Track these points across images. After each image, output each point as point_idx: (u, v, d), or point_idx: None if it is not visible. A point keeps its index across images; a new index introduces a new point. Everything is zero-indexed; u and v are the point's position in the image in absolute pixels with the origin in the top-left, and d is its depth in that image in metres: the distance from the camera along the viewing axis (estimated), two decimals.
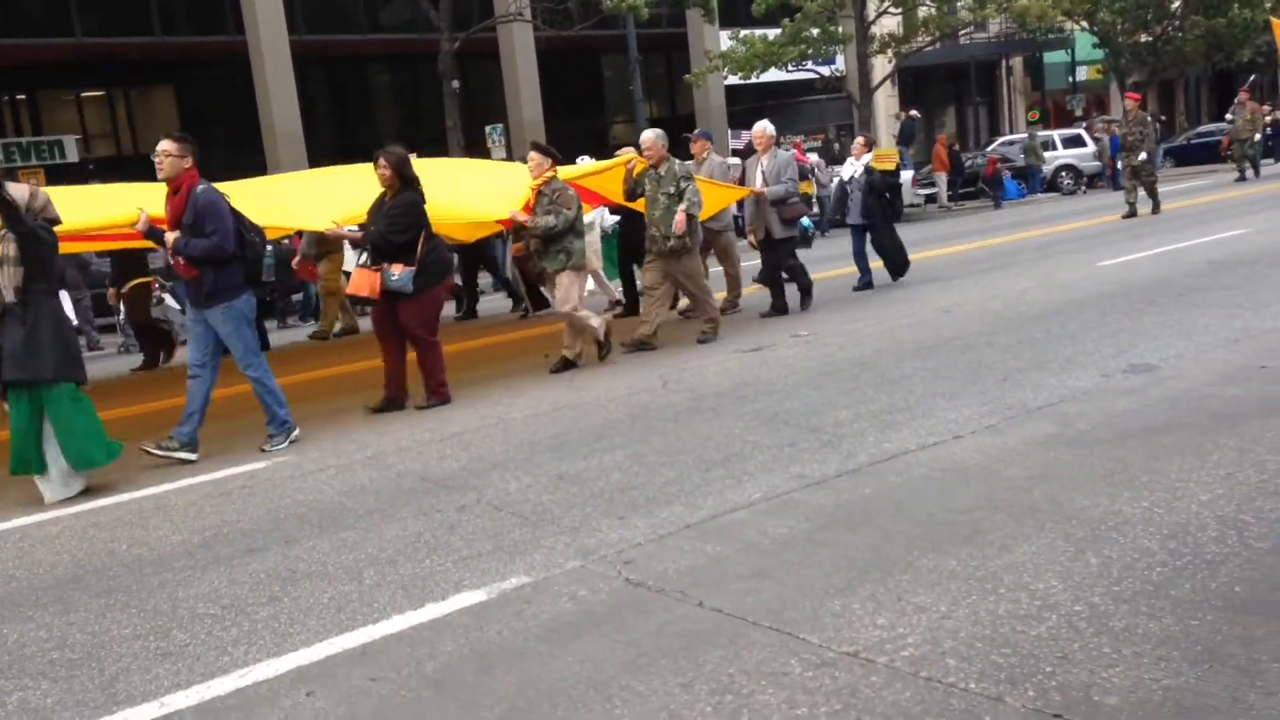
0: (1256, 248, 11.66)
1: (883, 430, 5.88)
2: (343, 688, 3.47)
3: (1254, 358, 6.61)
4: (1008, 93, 41.25)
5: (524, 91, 27.78)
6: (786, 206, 10.55)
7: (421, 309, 7.91)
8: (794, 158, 21.45)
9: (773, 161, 10.61)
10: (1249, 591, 3.48)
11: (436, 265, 8.02)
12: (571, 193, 8.94)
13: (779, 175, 10.48)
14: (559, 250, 8.85)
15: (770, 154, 10.69)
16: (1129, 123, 17.95)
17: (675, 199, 9.26)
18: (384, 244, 7.74)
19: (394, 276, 7.67)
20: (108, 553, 5.14)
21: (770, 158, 10.66)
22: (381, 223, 7.80)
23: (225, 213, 6.95)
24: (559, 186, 8.89)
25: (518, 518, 5.02)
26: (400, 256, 7.74)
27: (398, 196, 7.83)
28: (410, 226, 7.79)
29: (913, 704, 3.01)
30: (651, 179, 9.48)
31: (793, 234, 10.75)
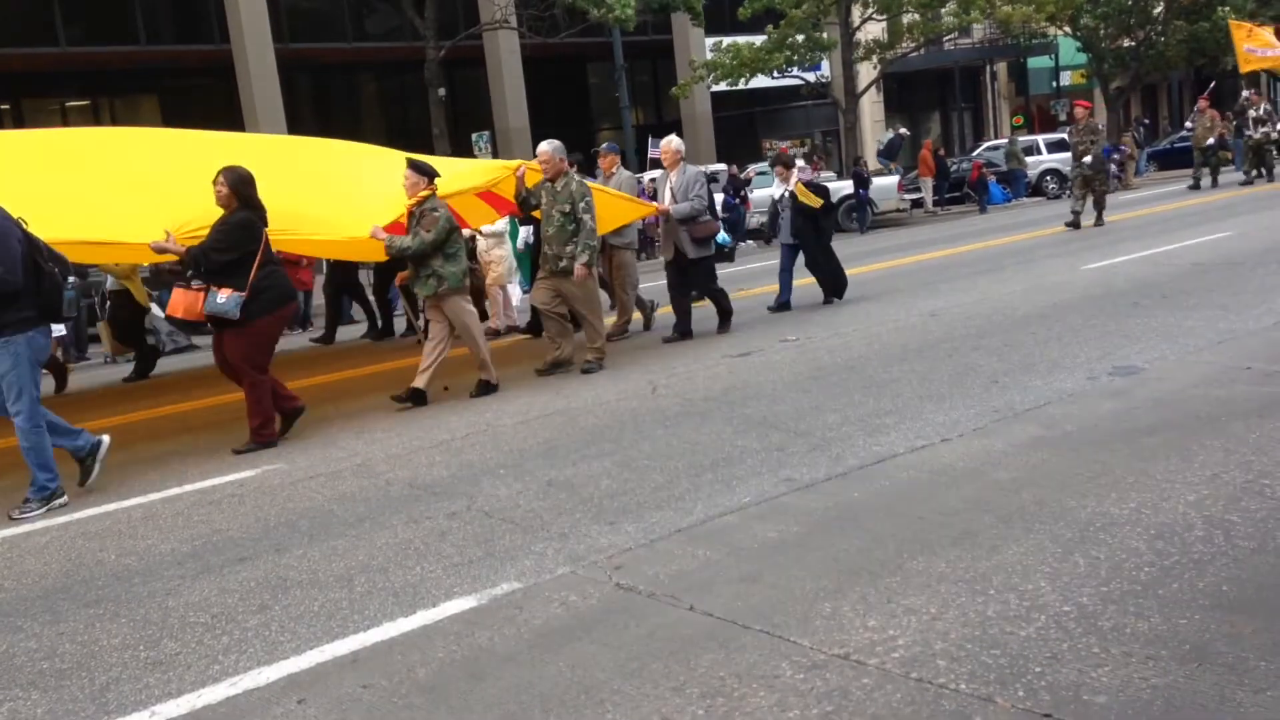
0: (1240, 250, 11.74)
1: (871, 434, 5.90)
2: (334, 695, 3.47)
3: (1238, 359, 6.66)
4: (992, 98, 41.43)
5: (510, 99, 27.81)
6: (697, 225, 10.00)
7: (247, 340, 7.28)
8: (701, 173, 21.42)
9: (681, 178, 10.08)
10: (1236, 590, 3.50)
11: (271, 293, 7.34)
12: (440, 214, 8.29)
13: (687, 192, 9.95)
14: (428, 275, 8.30)
15: (679, 170, 10.16)
16: (1079, 131, 17.56)
17: (570, 219, 8.85)
18: (203, 261, 7.13)
19: (218, 300, 7.10)
20: (96, 562, 5.12)
21: (679, 174, 10.13)
22: (206, 239, 7.25)
23: (11, 240, 6.05)
24: (430, 207, 8.29)
25: (508, 524, 5.02)
26: (231, 280, 7.15)
27: (230, 215, 7.24)
28: (233, 246, 7.16)
29: (904, 705, 3.02)
30: (548, 193, 9.03)
31: (706, 254, 10.15)
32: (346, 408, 8.62)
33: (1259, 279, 9.53)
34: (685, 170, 10.16)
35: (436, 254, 8.26)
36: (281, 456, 7.01)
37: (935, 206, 27.74)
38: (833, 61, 30.35)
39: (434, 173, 8.45)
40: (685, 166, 10.24)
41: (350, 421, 7.98)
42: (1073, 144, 17.96)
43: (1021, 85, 42.18)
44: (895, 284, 12.76)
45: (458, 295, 8.42)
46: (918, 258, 15.83)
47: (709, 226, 10.08)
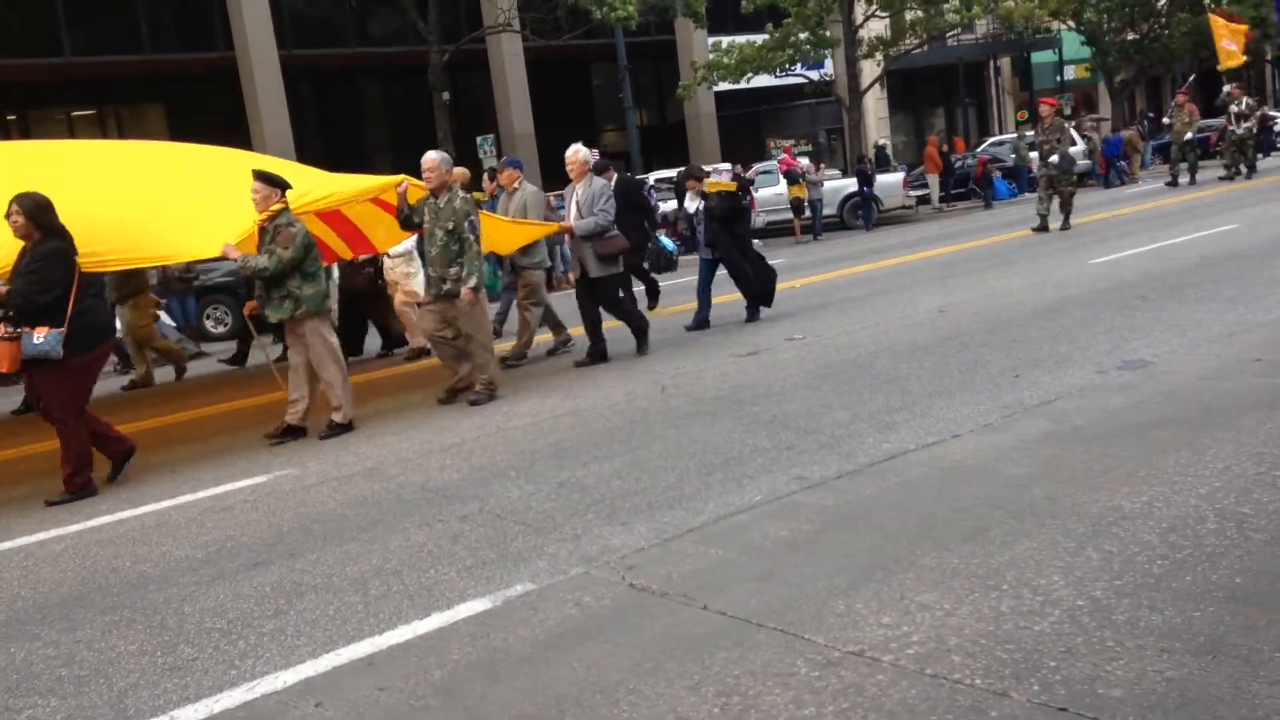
0: (1247, 243, 11.72)
1: (881, 431, 5.91)
2: (351, 698, 3.49)
3: (1248, 351, 6.65)
4: (996, 93, 41.35)
5: (514, 102, 27.85)
6: (604, 241, 9.34)
7: (64, 381, 6.63)
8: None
9: (587, 190, 9.40)
10: (1249, 583, 3.51)
11: (91, 329, 6.71)
12: (297, 229, 7.59)
13: (592, 206, 9.29)
14: (283, 296, 7.60)
15: (585, 182, 9.47)
16: (1045, 130, 17.11)
17: (454, 238, 8.12)
18: (28, 307, 6.48)
19: (36, 341, 6.44)
20: (111, 570, 5.14)
21: (585, 186, 9.44)
22: (19, 281, 6.55)
23: None
24: (285, 222, 7.58)
25: (521, 526, 5.03)
26: (45, 317, 6.49)
27: (37, 247, 6.53)
28: (56, 282, 6.52)
29: (919, 701, 3.03)
30: (431, 209, 8.26)
31: (613, 271, 9.46)
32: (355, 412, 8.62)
33: (1267, 271, 9.51)
34: (592, 182, 9.49)
35: (294, 273, 7.56)
36: (293, 461, 7.04)
37: (941, 203, 27.70)
38: (836, 59, 30.33)
39: (285, 184, 7.75)
40: (593, 178, 9.55)
41: (360, 425, 8.00)
42: (1038, 143, 17.57)
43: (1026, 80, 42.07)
44: (902, 281, 12.75)
45: (317, 319, 7.73)
46: (924, 254, 15.82)
47: (615, 242, 9.40)
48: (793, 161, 24.33)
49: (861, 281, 13.40)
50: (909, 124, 40.08)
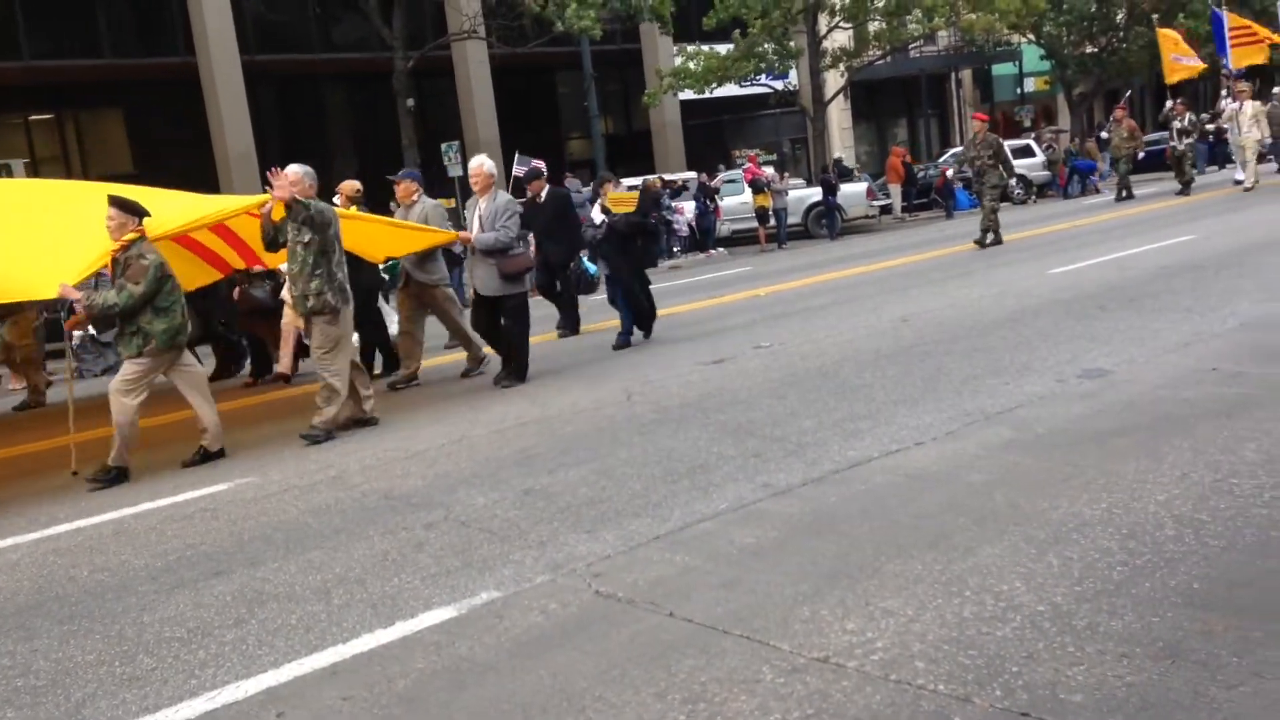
0: (1203, 252, 11.89)
1: (846, 438, 5.94)
2: (314, 708, 3.46)
3: (1205, 361, 6.75)
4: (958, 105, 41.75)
5: (479, 109, 27.79)
6: (507, 259, 8.89)
7: None
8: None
9: (491, 205, 8.97)
10: (1207, 588, 3.56)
11: None
12: (150, 260, 7.21)
13: (494, 221, 8.86)
14: (132, 332, 7.23)
15: (489, 196, 9.05)
16: (976, 145, 16.73)
17: (310, 251, 7.60)
18: None
19: None
20: (69, 579, 5.07)
21: (489, 200, 9.02)
22: None
23: None
24: (138, 253, 7.19)
25: (486, 533, 5.02)
26: None
27: None
28: None
29: (883, 707, 3.05)
30: (292, 225, 7.66)
31: (516, 290, 9.04)
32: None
33: (1223, 282, 9.66)
34: (496, 197, 9.07)
35: (145, 308, 7.19)
36: (254, 470, 6.97)
37: (903, 212, 27.93)
38: (800, 70, 30.53)
39: (143, 211, 7.33)
40: (497, 192, 9.13)
41: None
42: (969, 159, 17.15)
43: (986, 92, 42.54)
44: (866, 290, 12.84)
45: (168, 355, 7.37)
46: (887, 264, 15.94)
47: (519, 260, 9.01)
48: (758, 170, 24.46)
49: (826, 290, 13.48)
50: (872, 134, 40.40)
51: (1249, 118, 20.49)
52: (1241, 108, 20.73)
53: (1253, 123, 20.46)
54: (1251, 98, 21.32)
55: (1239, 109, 20.77)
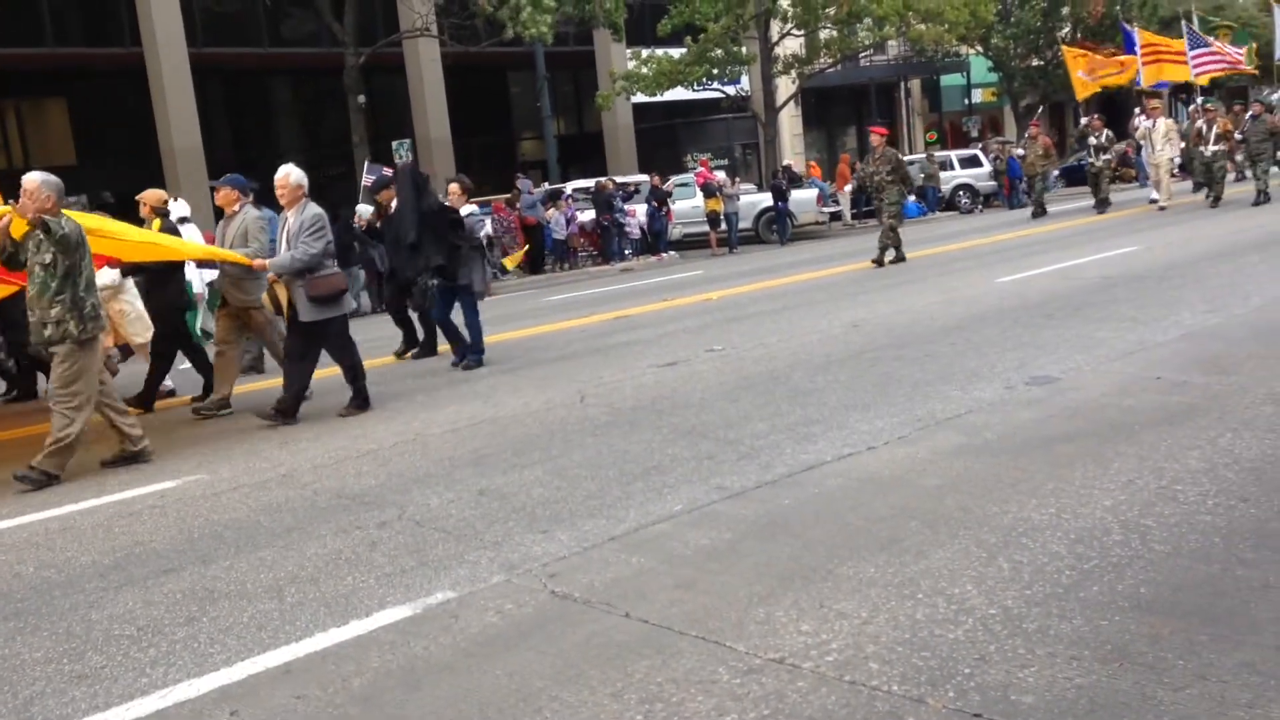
0: (1146, 264, 12.15)
1: (799, 442, 5.99)
2: (267, 706, 3.43)
3: (1149, 369, 6.90)
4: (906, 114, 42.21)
5: (431, 107, 27.65)
6: (315, 280, 7.99)
7: None
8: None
9: (297, 219, 8.07)
10: (1154, 593, 3.64)
11: None
12: None
13: (299, 237, 8.00)
14: None
15: (297, 209, 8.12)
16: (875, 160, 16.13)
17: (53, 273, 6.83)
18: None
19: None
20: (13, 575, 4.98)
21: (296, 214, 8.11)
22: None
23: None
24: None
25: (440, 533, 5.00)
26: None
27: None
28: None
29: (838, 707, 3.09)
30: (34, 241, 6.94)
31: (330, 315, 8.11)
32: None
33: (1165, 292, 9.87)
34: (304, 210, 8.10)
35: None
36: (203, 467, 6.89)
37: (853, 219, 28.19)
38: (752, 75, 30.72)
39: None
40: (306, 205, 8.17)
41: (273, 431, 7.86)
42: (868, 174, 16.53)
43: (935, 102, 43.07)
44: (816, 295, 12.95)
45: None
46: (837, 269, 16.08)
47: (329, 282, 8.06)
48: (709, 175, 24.57)
49: (777, 295, 13.58)
50: (822, 141, 40.72)
51: (1161, 136, 20.22)
52: (1154, 125, 20.46)
53: (1165, 141, 20.22)
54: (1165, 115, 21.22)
55: (1151, 127, 20.49)
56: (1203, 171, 20.36)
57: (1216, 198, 19.44)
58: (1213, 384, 6.39)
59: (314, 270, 8.01)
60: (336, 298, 8.13)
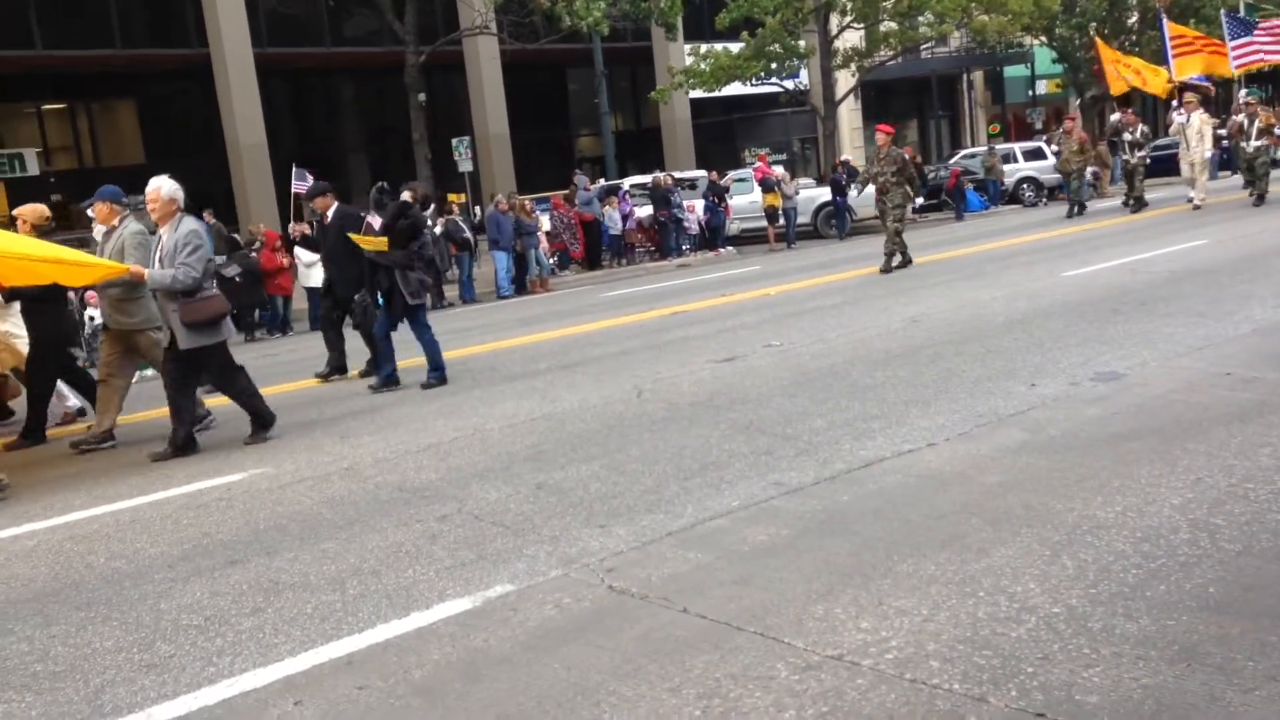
0: (1215, 258, 11.88)
1: (858, 438, 5.95)
2: (330, 697, 3.48)
3: (1218, 365, 6.75)
4: (969, 106, 41.75)
5: (490, 104, 27.85)
6: (193, 304, 7.31)
7: None
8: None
9: (172, 236, 7.37)
10: (1223, 592, 3.56)
11: None
12: None
13: (174, 256, 7.30)
14: None
15: (171, 225, 7.42)
16: (881, 160, 15.46)
17: None
18: None
19: None
20: (85, 566, 5.10)
21: (170, 230, 7.40)
22: None
23: None
24: None
25: (499, 527, 5.03)
26: None
27: None
28: None
29: (899, 705, 3.06)
30: None
31: (206, 343, 7.42)
32: (329, 412, 8.61)
33: (1236, 287, 9.65)
34: (179, 226, 7.42)
35: None
36: (267, 460, 7.00)
37: (914, 213, 27.89)
38: (811, 69, 30.53)
39: None
40: (182, 219, 7.49)
41: (333, 426, 7.98)
42: (873, 175, 15.86)
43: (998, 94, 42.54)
44: (875, 290, 12.84)
45: None
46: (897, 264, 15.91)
47: (208, 305, 7.40)
48: (768, 170, 24.46)
49: (835, 290, 13.49)
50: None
51: (1195, 131, 19.09)
52: (1189, 120, 19.26)
53: (1199, 137, 19.06)
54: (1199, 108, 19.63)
55: (1185, 122, 19.32)
56: (1245, 168, 19.13)
57: (1261, 195, 18.40)
58: None
59: (191, 294, 7.31)
60: (215, 323, 7.48)
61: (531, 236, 19.76)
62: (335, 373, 10.47)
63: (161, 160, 25.90)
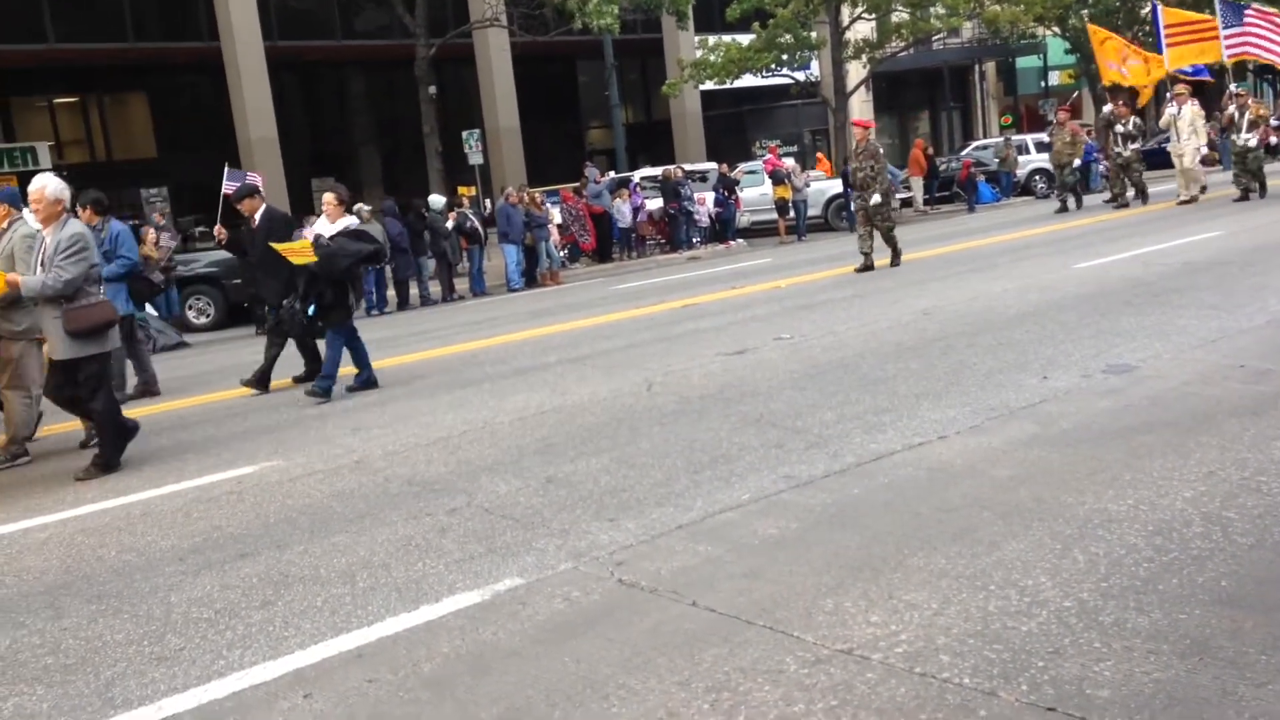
0: (1229, 249, 11.82)
1: (868, 431, 5.93)
2: (340, 690, 3.48)
3: (1231, 357, 6.71)
4: (981, 97, 41.59)
5: (500, 97, 27.83)
6: (75, 311, 6.83)
7: None
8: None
9: (55, 237, 6.88)
10: (1235, 586, 3.54)
11: None
12: None
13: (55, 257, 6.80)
14: None
15: (55, 227, 6.92)
16: (859, 155, 14.97)
17: None
18: None
19: None
20: (97, 559, 5.12)
21: (54, 232, 6.91)
22: None
23: None
24: None
25: (508, 520, 5.03)
26: None
27: None
28: None
29: (908, 699, 3.05)
30: None
31: (88, 353, 6.93)
32: (340, 405, 8.62)
33: (1249, 279, 9.60)
34: (63, 228, 6.91)
35: None
36: (278, 453, 7.01)
37: (925, 205, 27.82)
38: (822, 60, 30.43)
39: None
40: (67, 221, 6.99)
41: (345, 419, 7.99)
42: (851, 170, 15.42)
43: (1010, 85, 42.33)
44: (886, 283, 12.80)
45: None
46: (909, 256, 15.84)
47: (90, 313, 6.90)
48: (778, 162, 24.41)
49: (845, 283, 13.46)
50: (894, 127, 40.25)
51: (1187, 124, 18.57)
52: (1180, 112, 18.73)
53: (1191, 130, 18.56)
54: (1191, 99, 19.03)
55: (1176, 114, 18.80)
56: (1237, 162, 18.22)
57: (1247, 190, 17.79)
58: None
59: (72, 299, 6.83)
60: (99, 332, 6.96)
61: (542, 229, 19.76)
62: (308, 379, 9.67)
63: (173, 154, 26.03)
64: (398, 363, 10.77)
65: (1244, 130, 17.97)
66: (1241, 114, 18.15)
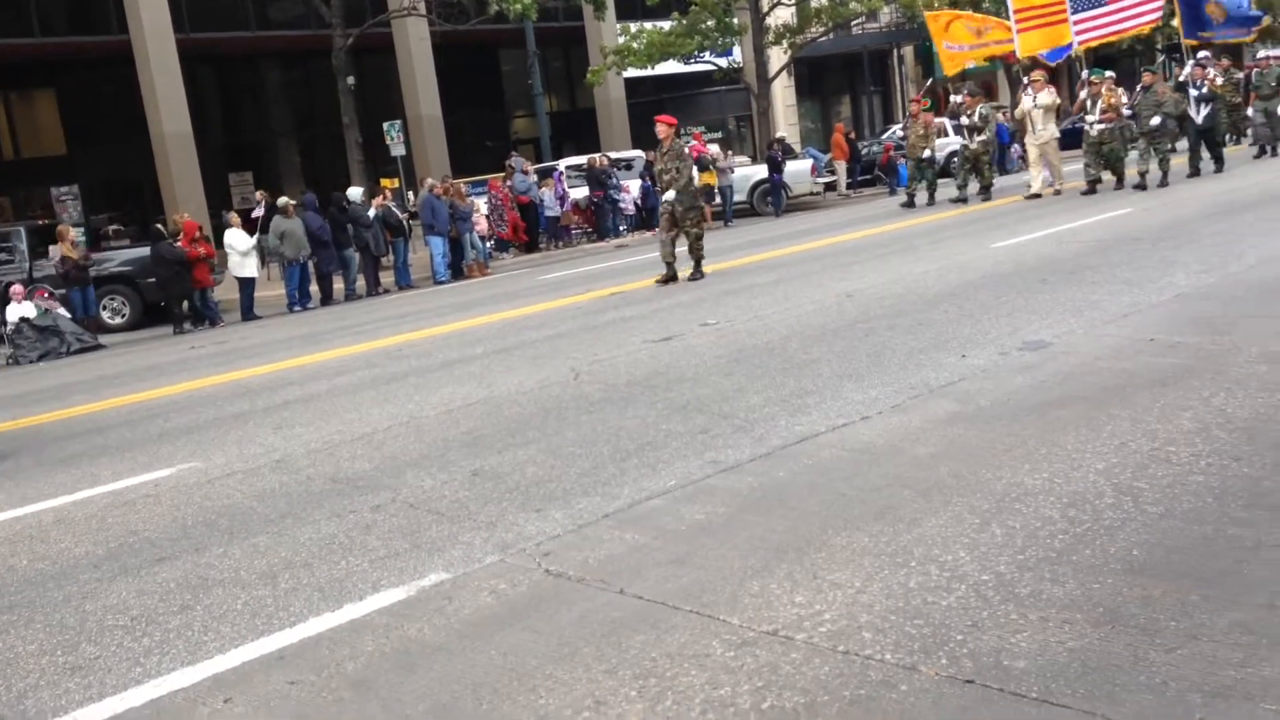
0: (1141, 226, 12.10)
1: (793, 414, 5.98)
2: (261, 693, 3.43)
3: (1142, 331, 6.87)
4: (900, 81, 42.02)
5: (421, 87, 27.51)
6: None
7: None
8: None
9: None
10: (1146, 555, 3.63)
11: None
12: None
13: None
14: None
15: None
16: (663, 156, 13.39)
17: None
18: None
19: None
20: (8, 568, 4.98)
21: None
22: None
23: None
24: None
25: (434, 515, 4.99)
26: None
27: None
28: None
29: (832, 677, 3.08)
30: None
31: None
32: (262, 402, 8.48)
33: (1159, 254, 9.83)
34: None
35: None
36: (197, 454, 6.88)
37: (848, 189, 28.10)
38: (744, 46, 30.55)
39: None
40: None
41: (266, 417, 7.86)
42: (656, 172, 14.13)
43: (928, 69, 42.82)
44: (811, 266, 12.91)
45: None
46: (832, 240, 16.03)
47: None
48: (703, 148, 24.45)
49: (771, 267, 13.54)
50: (816, 111, 40.55)
51: (1042, 113, 17.81)
52: (1035, 101, 17.86)
53: (1047, 118, 17.82)
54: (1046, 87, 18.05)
55: (1033, 102, 17.91)
56: (1091, 150, 17.47)
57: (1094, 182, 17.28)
58: (1206, 344, 6.37)
59: None
60: None
61: (466, 221, 19.61)
62: None
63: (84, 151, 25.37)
64: (320, 359, 10.62)
65: (1096, 116, 17.36)
66: (1094, 102, 17.55)
